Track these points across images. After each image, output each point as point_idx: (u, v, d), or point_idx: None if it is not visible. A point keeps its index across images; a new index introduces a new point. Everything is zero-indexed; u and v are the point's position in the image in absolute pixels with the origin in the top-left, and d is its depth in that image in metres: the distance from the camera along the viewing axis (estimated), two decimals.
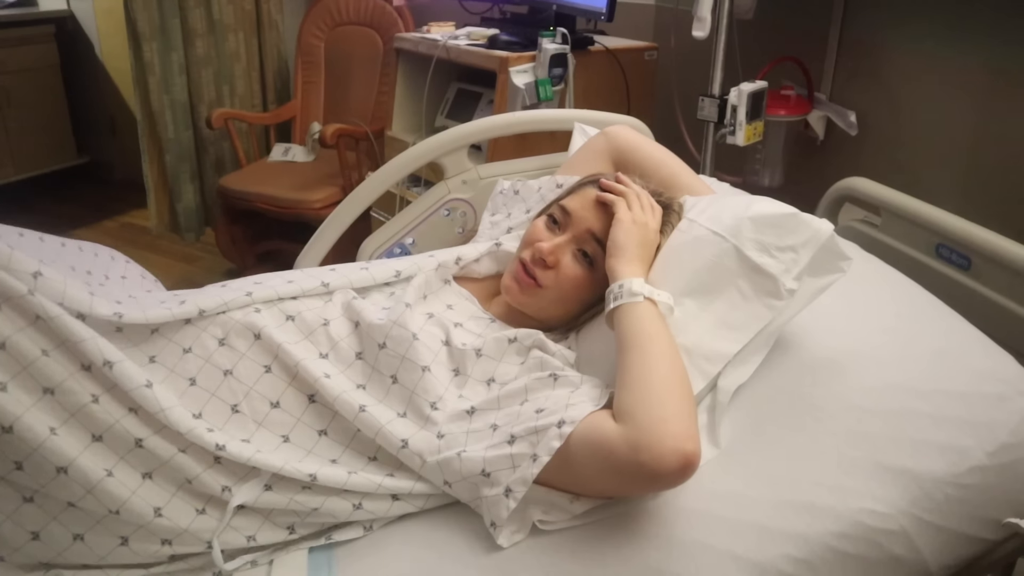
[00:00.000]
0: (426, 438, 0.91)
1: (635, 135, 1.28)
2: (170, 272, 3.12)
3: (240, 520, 0.86)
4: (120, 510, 0.80)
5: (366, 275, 1.08)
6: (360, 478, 0.89)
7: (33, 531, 0.80)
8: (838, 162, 2.08)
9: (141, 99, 2.86)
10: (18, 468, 0.77)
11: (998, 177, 1.75)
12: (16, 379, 0.78)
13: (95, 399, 0.81)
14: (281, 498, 0.87)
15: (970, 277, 1.24)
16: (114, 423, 0.82)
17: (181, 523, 0.83)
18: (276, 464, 0.86)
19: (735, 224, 0.97)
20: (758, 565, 0.79)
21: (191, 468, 0.84)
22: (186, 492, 0.85)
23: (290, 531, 0.89)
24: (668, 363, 0.86)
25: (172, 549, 0.84)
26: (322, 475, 0.87)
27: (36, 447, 0.77)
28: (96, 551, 0.82)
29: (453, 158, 1.53)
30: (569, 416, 0.83)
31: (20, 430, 0.76)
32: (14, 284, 0.79)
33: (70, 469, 0.78)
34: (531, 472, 0.82)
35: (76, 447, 0.79)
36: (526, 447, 0.84)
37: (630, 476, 0.79)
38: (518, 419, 0.88)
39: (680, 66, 2.22)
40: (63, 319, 0.80)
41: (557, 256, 1.05)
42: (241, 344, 0.92)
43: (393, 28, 2.92)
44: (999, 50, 1.70)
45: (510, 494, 0.83)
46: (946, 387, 0.94)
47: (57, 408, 0.79)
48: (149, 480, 0.83)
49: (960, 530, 0.85)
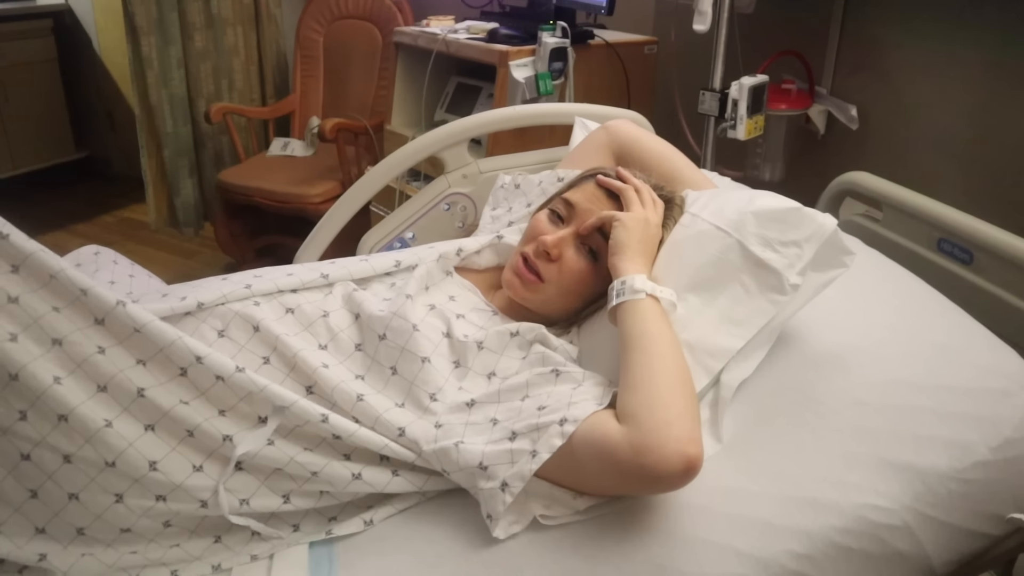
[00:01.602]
0: (423, 427, 0.91)
1: (636, 129, 1.28)
2: (169, 267, 3.12)
3: (236, 481, 0.86)
4: (116, 461, 0.80)
5: (366, 266, 1.07)
6: (367, 433, 0.89)
7: (31, 489, 0.80)
8: (839, 156, 2.07)
9: (139, 93, 2.84)
10: (22, 418, 0.77)
11: (1000, 171, 1.75)
12: (27, 331, 0.78)
13: (101, 350, 0.81)
14: (282, 455, 0.86)
15: (972, 272, 1.24)
16: (117, 372, 0.81)
17: (176, 478, 0.83)
18: (288, 398, 0.86)
19: (738, 219, 0.97)
20: (761, 560, 0.79)
21: (193, 418, 0.84)
22: (185, 446, 0.84)
23: (285, 499, 0.88)
24: (671, 363, 0.85)
25: (166, 506, 0.83)
26: (333, 418, 0.87)
27: (40, 394, 0.77)
28: (91, 509, 0.81)
29: (453, 152, 1.52)
30: (572, 415, 0.83)
31: (25, 377, 0.76)
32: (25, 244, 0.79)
33: (71, 417, 0.78)
34: (529, 468, 0.82)
35: (79, 396, 0.79)
36: (526, 443, 0.84)
37: (633, 478, 0.79)
38: (519, 415, 0.88)
39: (681, 60, 2.21)
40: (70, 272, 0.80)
41: (561, 249, 1.04)
42: (240, 336, 0.92)
43: (392, 22, 2.91)
44: (1000, 44, 1.69)
45: (506, 488, 0.82)
46: (949, 382, 0.93)
47: (64, 358, 0.80)
48: (151, 432, 0.82)
49: (963, 525, 0.85)
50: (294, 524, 0.91)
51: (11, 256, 0.78)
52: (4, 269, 0.78)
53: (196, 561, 0.87)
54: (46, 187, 3.91)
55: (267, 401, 0.86)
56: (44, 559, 0.81)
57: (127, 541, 0.84)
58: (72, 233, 3.45)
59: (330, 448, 0.89)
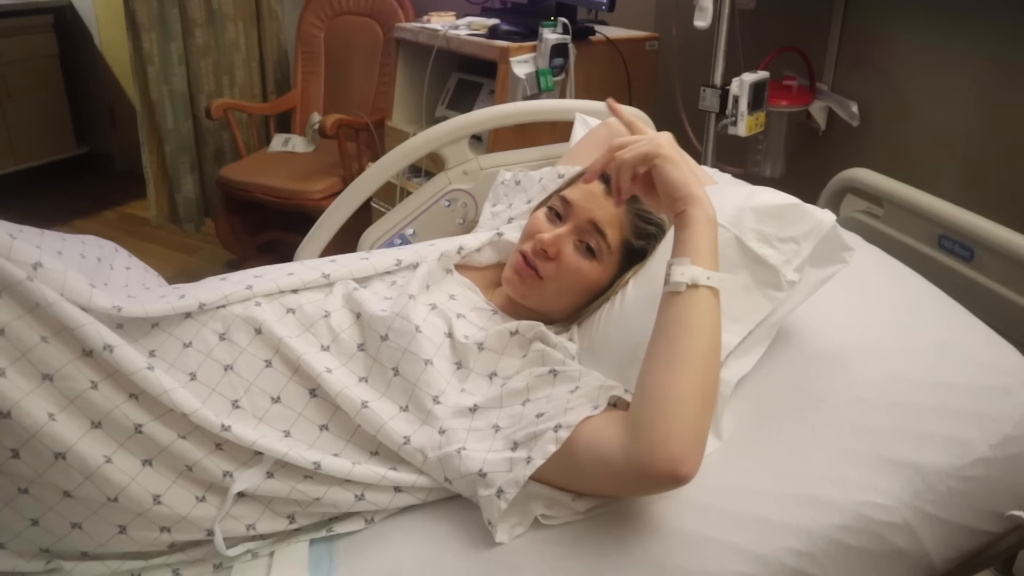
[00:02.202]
0: (428, 434, 0.91)
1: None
2: (170, 263, 3.12)
3: (240, 508, 0.86)
4: (119, 497, 0.80)
5: (367, 265, 1.07)
6: (363, 469, 0.89)
7: (32, 518, 0.80)
8: (840, 153, 2.07)
9: (140, 89, 2.84)
10: (15, 456, 0.77)
11: (1001, 168, 1.74)
12: (15, 365, 0.77)
13: (94, 385, 0.81)
14: (283, 486, 0.86)
15: (973, 269, 1.24)
16: (113, 408, 0.81)
17: (180, 510, 0.83)
18: (280, 450, 0.86)
19: (736, 214, 0.97)
20: (760, 558, 0.79)
21: (191, 454, 0.84)
22: (186, 479, 0.84)
23: (290, 520, 0.89)
24: (699, 368, 0.79)
25: (171, 536, 0.83)
26: (326, 464, 0.87)
27: (34, 432, 0.76)
28: (95, 538, 0.81)
29: (454, 149, 1.52)
30: (566, 421, 0.83)
31: (18, 415, 0.76)
32: (13, 271, 0.78)
33: (68, 455, 0.77)
34: (523, 474, 0.82)
35: (75, 433, 0.79)
36: (523, 451, 0.84)
37: (625, 483, 0.80)
38: (520, 422, 0.88)
39: (682, 56, 2.21)
40: (61, 305, 0.79)
41: (559, 247, 1.04)
42: (242, 339, 0.92)
43: (393, 18, 2.90)
44: (1002, 40, 1.69)
45: (501, 495, 0.82)
46: (949, 379, 0.93)
47: (56, 394, 0.79)
48: (149, 467, 0.82)
49: (963, 523, 0.85)
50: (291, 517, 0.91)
51: None
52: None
53: (198, 562, 0.87)
54: (47, 183, 3.92)
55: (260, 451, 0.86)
56: (51, 561, 0.82)
57: (132, 558, 0.85)
58: (73, 229, 3.46)
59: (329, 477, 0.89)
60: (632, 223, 1.04)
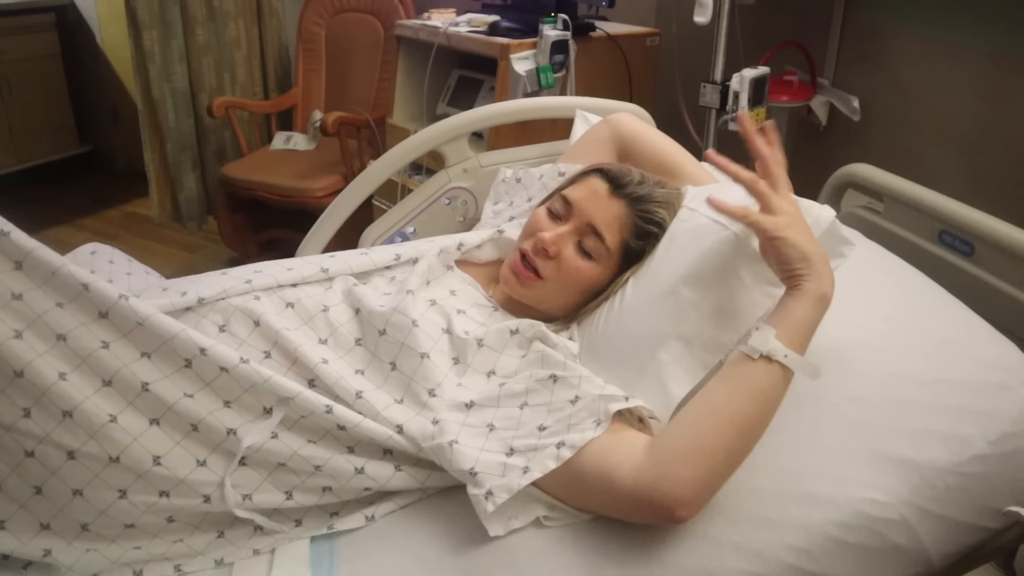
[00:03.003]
0: (421, 424, 0.91)
1: (639, 123, 1.27)
2: (172, 261, 3.13)
3: (239, 476, 0.86)
4: (120, 456, 0.80)
5: (366, 260, 1.08)
6: (371, 425, 0.89)
7: (36, 485, 0.80)
8: (841, 148, 2.07)
9: (142, 88, 2.85)
10: (26, 415, 0.78)
11: (1002, 163, 1.74)
12: (31, 327, 0.79)
13: (106, 345, 0.82)
14: (285, 448, 0.87)
15: (973, 264, 1.23)
16: (122, 367, 0.82)
17: (179, 472, 0.83)
18: (293, 388, 0.86)
19: None
20: (759, 555, 0.80)
21: (197, 411, 0.84)
22: (190, 440, 0.85)
23: (288, 496, 0.89)
24: (736, 430, 0.81)
25: (170, 501, 0.83)
26: (337, 410, 0.88)
27: (45, 390, 0.78)
28: (95, 504, 0.82)
29: (454, 146, 1.52)
30: (570, 440, 0.84)
31: (31, 374, 0.77)
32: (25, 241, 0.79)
33: (75, 412, 0.79)
34: (518, 483, 0.83)
35: (85, 391, 0.80)
36: (520, 460, 0.85)
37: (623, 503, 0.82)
38: (517, 427, 0.89)
39: (682, 52, 2.20)
40: (68, 268, 0.81)
41: (559, 247, 1.04)
42: (241, 330, 0.93)
43: (394, 15, 2.90)
44: (1002, 34, 1.68)
45: (490, 497, 0.83)
46: (948, 376, 0.93)
47: (69, 354, 0.80)
48: (156, 426, 0.83)
49: (961, 519, 0.85)
50: (296, 519, 0.91)
51: (13, 253, 0.79)
52: (7, 267, 0.79)
53: (199, 556, 0.87)
54: (50, 181, 3.92)
55: (271, 392, 0.86)
56: (49, 555, 0.81)
57: (131, 536, 0.85)
58: (77, 227, 3.47)
59: (334, 441, 0.90)
60: (633, 224, 1.04)
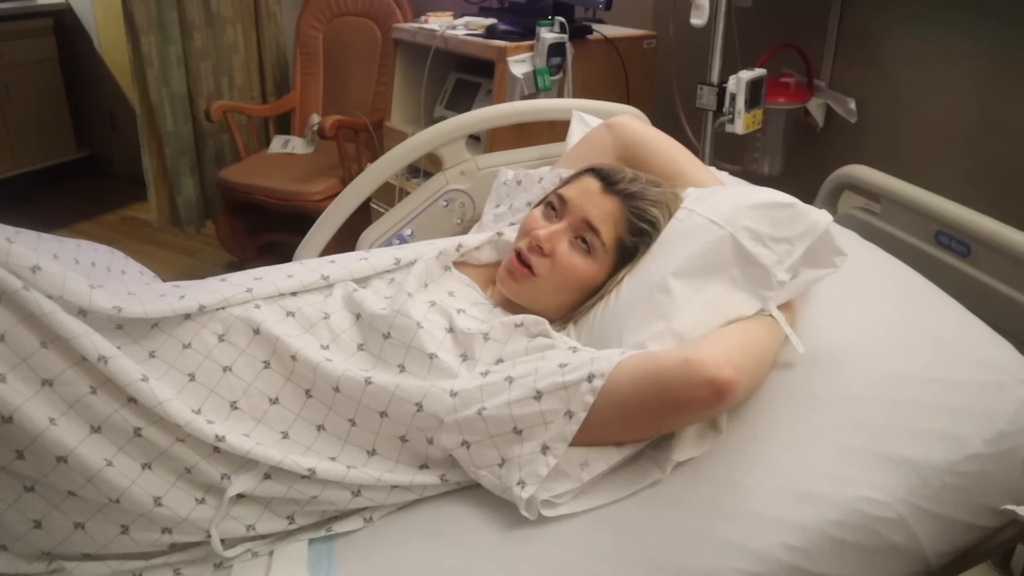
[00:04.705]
0: (440, 398, 0.90)
1: (642, 127, 1.24)
2: (171, 265, 3.13)
3: (240, 509, 0.87)
4: (120, 499, 0.81)
5: (366, 265, 1.08)
6: (359, 473, 0.89)
7: (35, 519, 0.81)
8: (838, 150, 2.07)
9: (140, 92, 2.85)
10: (19, 457, 0.78)
11: (998, 164, 1.75)
12: (15, 370, 0.78)
13: (93, 390, 0.81)
14: (280, 487, 0.87)
15: (969, 264, 1.24)
16: (112, 413, 0.82)
17: (181, 512, 0.84)
18: (275, 457, 0.86)
19: (732, 213, 0.97)
20: (756, 553, 0.80)
21: (189, 457, 0.85)
22: (185, 481, 0.85)
23: (290, 521, 0.89)
24: (756, 337, 0.92)
25: (172, 538, 0.84)
26: (321, 469, 0.87)
27: (36, 437, 0.77)
28: (97, 539, 0.82)
29: (451, 149, 1.52)
30: (598, 369, 0.85)
31: (20, 420, 0.76)
32: (9, 280, 0.79)
33: (70, 458, 0.78)
34: (570, 429, 0.84)
35: (76, 437, 0.79)
36: (556, 402, 0.85)
37: (678, 388, 0.84)
38: (538, 373, 0.88)
39: (679, 54, 2.21)
40: (56, 315, 0.80)
41: (553, 244, 1.05)
42: (241, 340, 0.92)
43: (391, 18, 2.91)
44: (998, 36, 1.69)
45: (548, 451, 0.83)
46: (945, 376, 0.93)
47: (56, 399, 0.80)
48: (148, 470, 0.83)
49: (958, 518, 0.85)
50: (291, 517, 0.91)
51: None
52: None
53: (199, 561, 0.88)
54: (48, 186, 3.92)
55: (255, 460, 0.86)
56: (52, 562, 0.83)
57: (132, 559, 0.86)
58: (75, 232, 3.46)
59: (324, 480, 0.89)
60: (627, 220, 1.05)
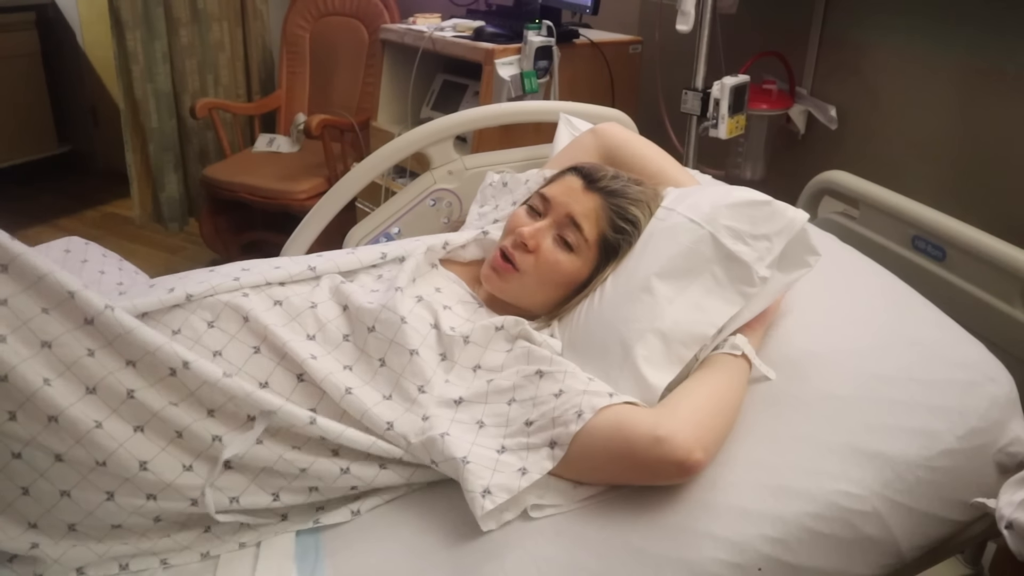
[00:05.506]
0: (411, 420, 0.92)
1: (624, 132, 1.29)
2: (153, 262, 3.11)
3: (226, 480, 0.87)
4: (107, 461, 0.81)
5: (353, 259, 1.09)
6: (353, 433, 0.90)
7: (23, 487, 0.81)
8: (818, 156, 2.10)
9: (124, 88, 2.84)
10: (12, 419, 0.78)
11: (973, 170, 1.78)
12: (16, 333, 0.79)
13: (91, 352, 0.82)
14: (270, 454, 0.88)
15: (945, 268, 1.27)
16: (107, 375, 0.83)
17: (166, 477, 0.84)
18: (275, 403, 0.87)
19: (711, 212, 0.99)
20: (736, 544, 0.82)
21: (182, 419, 0.85)
22: (175, 446, 0.86)
23: (274, 497, 0.90)
24: (726, 400, 0.92)
25: (157, 505, 0.84)
26: (321, 420, 0.89)
27: (29, 395, 0.78)
28: (83, 506, 0.82)
29: (439, 149, 1.53)
30: (558, 437, 0.87)
31: (15, 379, 0.77)
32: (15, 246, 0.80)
33: (60, 418, 0.79)
34: (518, 485, 0.85)
35: (69, 398, 0.80)
36: (514, 460, 0.87)
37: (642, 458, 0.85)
38: (507, 426, 0.91)
39: (664, 60, 2.23)
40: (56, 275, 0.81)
41: (538, 240, 1.06)
42: (231, 326, 0.94)
43: (379, 19, 2.92)
44: (975, 45, 1.73)
45: (487, 496, 0.84)
46: (919, 375, 0.96)
47: (53, 360, 0.81)
48: (140, 433, 0.84)
49: (931, 511, 0.88)
50: (282, 514, 0.92)
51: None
52: None
53: (185, 550, 0.88)
54: (28, 182, 3.88)
55: (254, 404, 0.87)
56: (36, 547, 0.82)
57: (117, 536, 0.86)
58: (56, 228, 3.43)
59: (318, 445, 0.91)
60: (609, 217, 1.06)
